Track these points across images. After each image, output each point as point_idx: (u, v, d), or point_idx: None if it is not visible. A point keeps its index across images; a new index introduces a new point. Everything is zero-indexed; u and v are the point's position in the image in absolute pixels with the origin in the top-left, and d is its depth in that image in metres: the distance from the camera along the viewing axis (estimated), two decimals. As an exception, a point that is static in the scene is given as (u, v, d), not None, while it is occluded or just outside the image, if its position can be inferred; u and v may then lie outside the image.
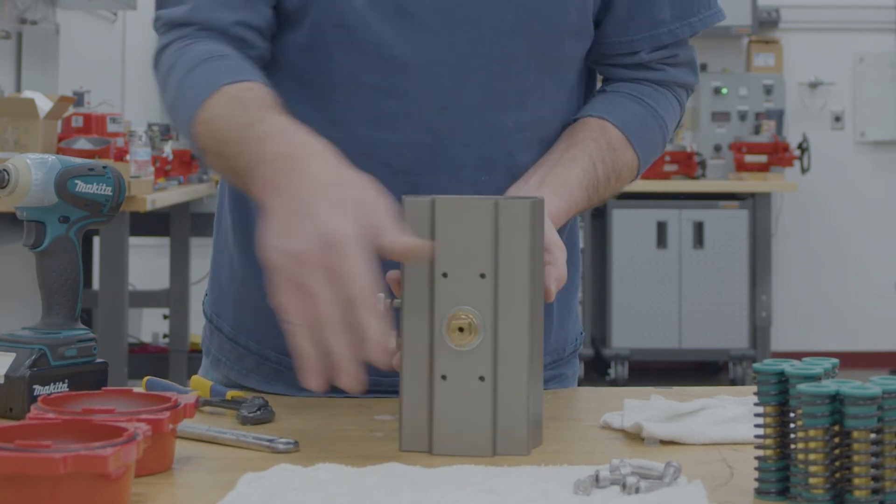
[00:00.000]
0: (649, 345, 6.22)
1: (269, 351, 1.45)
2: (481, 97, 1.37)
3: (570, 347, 1.54)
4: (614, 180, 1.44)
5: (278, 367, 1.45)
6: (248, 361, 1.47)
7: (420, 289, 1.14)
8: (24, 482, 0.89)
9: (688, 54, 1.51)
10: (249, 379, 1.47)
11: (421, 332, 1.14)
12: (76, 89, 4.70)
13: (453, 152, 1.37)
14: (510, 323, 1.14)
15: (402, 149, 1.36)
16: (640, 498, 0.96)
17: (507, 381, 1.14)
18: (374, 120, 1.36)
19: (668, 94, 1.51)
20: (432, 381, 1.14)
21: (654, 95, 1.49)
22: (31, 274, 1.36)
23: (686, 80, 1.52)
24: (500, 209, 1.13)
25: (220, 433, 1.18)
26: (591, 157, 1.41)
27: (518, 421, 1.14)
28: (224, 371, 1.49)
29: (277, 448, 1.15)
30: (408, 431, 1.15)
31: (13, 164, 1.28)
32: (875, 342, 6.93)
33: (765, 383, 1.00)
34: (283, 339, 1.42)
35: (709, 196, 6.27)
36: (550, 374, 1.50)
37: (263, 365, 1.46)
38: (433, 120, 1.36)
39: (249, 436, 1.17)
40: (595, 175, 1.40)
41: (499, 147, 1.39)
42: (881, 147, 7.06)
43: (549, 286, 1.20)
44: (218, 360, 1.50)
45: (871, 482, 0.94)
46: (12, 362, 1.26)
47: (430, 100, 1.36)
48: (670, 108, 1.51)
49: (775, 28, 7.05)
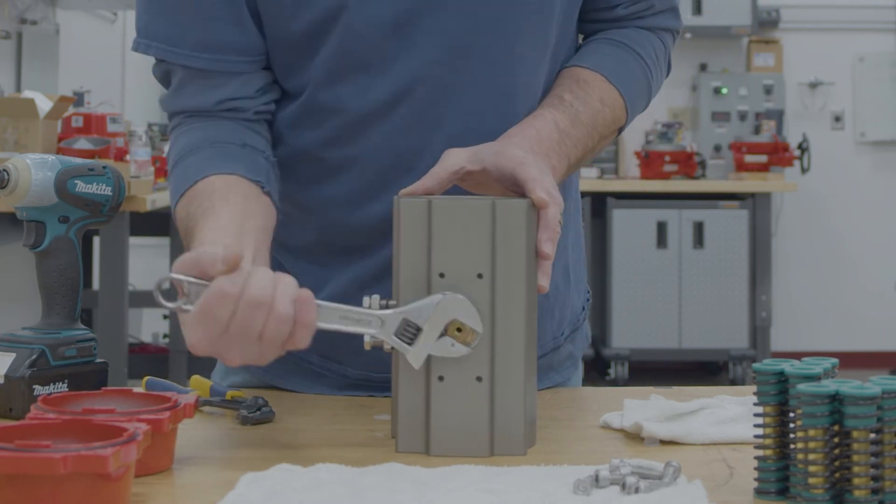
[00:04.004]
0: (649, 345, 6.22)
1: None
2: (492, 89, 1.37)
3: (582, 314, 1.56)
4: (598, 104, 1.40)
5: (297, 363, 1.46)
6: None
7: (417, 290, 1.14)
8: (24, 482, 0.89)
9: (667, 1, 1.51)
10: (266, 375, 1.48)
11: None
12: (76, 89, 4.69)
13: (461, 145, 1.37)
14: (507, 323, 1.14)
15: (420, 152, 1.35)
16: (639, 498, 0.96)
17: (503, 381, 1.14)
18: (383, 124, 1.36)
19: (648, 34, 1.50)
20: (429, 382, 1.14)
21: (627, 34, 1.48)
22: (31, 274, 1.36)
23: (667, 24, 1.51)
24: (497, 209, 1.13)
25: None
26: (554, 94, 1.39)
27: (515, 421, 1.14)
28: (239, 370, 1.49)
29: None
30: (404, 433, 1.15)
31: (13, 164, 1.28)
32: (875, 342, 6.93)
33: (764, 383, 1.00)
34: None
35: (709, 196, 6.27)
36: (567, 348, 1.52)
37: (276, 362, 1.47)
38: (445, 120, 1.36)
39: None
40: (565, 103, 1.38)
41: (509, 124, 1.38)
42: (881, 147, 7.06)
43: (542, 247, 1.16)
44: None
45: (871, 482, 0.94)
46: (12, 362, 1.26)
47: (440, 100, 1.35)
48: (648, 44, 1.49)
49: (775, 28, 7.05)
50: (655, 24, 1.50)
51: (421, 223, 1.14)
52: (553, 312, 1.48)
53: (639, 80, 1.47)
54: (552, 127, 1.33)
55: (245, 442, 1.20)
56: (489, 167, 1.24)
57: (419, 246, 1.14)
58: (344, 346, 1.39)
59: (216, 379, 1.50)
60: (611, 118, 1.42)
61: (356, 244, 1.40)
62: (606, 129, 1.41)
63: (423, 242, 1.14)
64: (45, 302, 1.31)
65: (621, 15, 1.48)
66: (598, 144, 1.41)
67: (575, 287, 1.54)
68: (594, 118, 1.39)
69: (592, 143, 1.39)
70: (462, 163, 1.24)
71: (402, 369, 1.15)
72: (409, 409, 1.15)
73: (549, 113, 1.35)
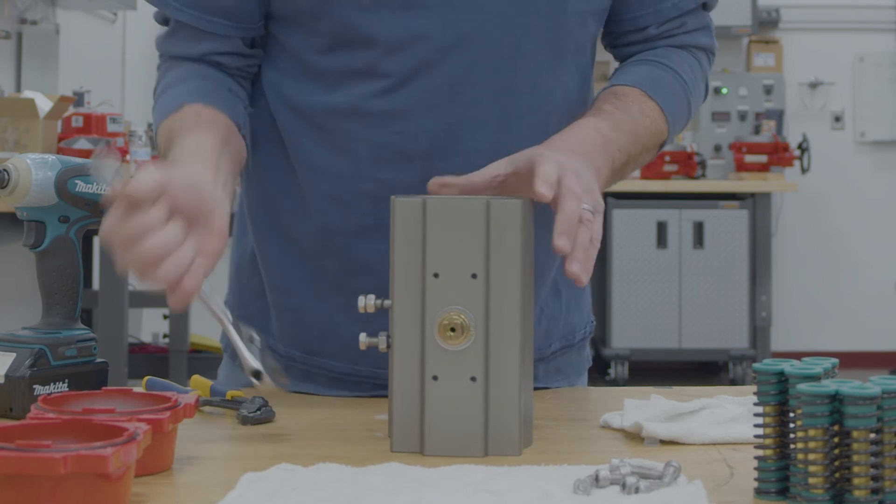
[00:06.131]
0: (649, 345, 6.23)
1: (296, 352, 1.47)
2: (493, 82, 1.38)
3: (580, 334, 1.55)
4: (639, 114, 1.40)
5: (304, 367, 1.46)
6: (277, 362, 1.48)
7: (411, 289, 1.14)
8: (24, 482, 0.89)
9: (699, 20, 1.50)
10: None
11: (412, 333, 1.14)
12: (76, 89, 4.69)
13: (467, 138, 1.38)
14: (501, 323, 1.14)
15: (417, 136, 1.37)
16: (639, 498, 0.96)
17: (498, 381, 1.14)
18: (388, 109, 1.37)
19: (683, 53, 1.49)
20: (423, 382, 1.14)
21: (661, 53, 1.48)
22: (31, 274, 1.36)
23: (701, 42, 1.51)
24: (492, 209, 1.13)
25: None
26: (593, 107, 1.40)
27: (510, 421, 1.14)
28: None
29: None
30: (399, 432, 1.15)
31: (13, 164, 1.28)
32: (875, 342, 6.93)
33: (764, 383, 1.00)
34: (309, 340, 1.43)
35: (709, 196, 6.27)
36: (560, 362, 1.51)
37: (291, 367, 1.47)
38: (445, 107, 1.37)
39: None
40: (605, 112, 1.38)
41: (513, 131, 1.39)
42: (881, 147, 7.06)
43: (555, 240, 1.14)
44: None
45: (871, 482, 0.94)
46: (12, 362, 1.26)
47: (442, 87, 1.37)
48: (684, 62, 1.48)
49: (775, 28, 7.05)
50: (689, 41, 1.50)
51: (415, 223, 1.14)
52: (539, 321, 1.48)
53: (677, 94, 1.46)
54: (594, 132, 1.33)
55: (245, 442, 1.20)
56: (521, 169, 1.23)
57: (413, 245, 1.14)
58: (331, 340, 1.41)
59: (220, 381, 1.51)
60: (653, 128, 1.42)
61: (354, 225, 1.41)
62: (649, 140, 1.41)
63: (417, 242, 1.14)
64: (45, 302, 1.31)
65: (653, 35, 1.48)
66: (641, 155, 1.41)
67: (572, 306, 1.53)
68: (636, 126, 1.39)
69: (636, 150, 1.39)
70: (499, 169, 1.24)
71: (397, 369, 1.15)
72: (404, 409, 1.15)
73: (589, 120, 1.36)
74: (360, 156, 1.38)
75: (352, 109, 1.38)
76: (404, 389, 1.15)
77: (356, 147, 1.38)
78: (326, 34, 1.37)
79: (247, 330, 1.19)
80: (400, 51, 1.36)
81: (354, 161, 1.39)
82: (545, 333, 1.49)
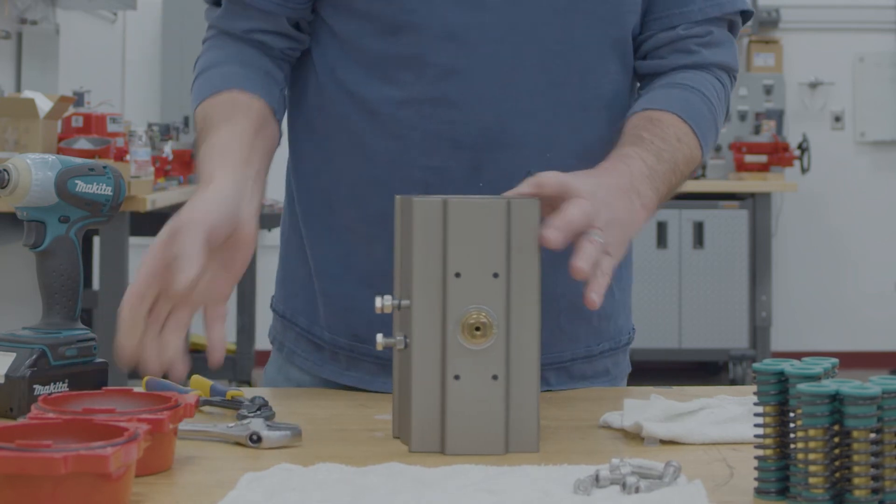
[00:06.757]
0: (649, 345, 6.22)
1: (343, 339, 1.48)
2: (543, 75, 1.40)
3: (625, 339, 1.57)
4: (675, 141, 1.40)
5: (351, 354, 1.48)
6: (324, 352, 1.51)
7: (431, 289, 1.14)
8: (24, 482, 0.89)
9: (723, 35, 1.51)
10: (324, 369, 1.51)
11: (432, 333, 1.14)
12: (76, 89, 4.69)
13: (517, 130, 1.40)
14: (522, 321, 1.14)
15: (468, 126, 1.40)
16: (639, 498, 0.96)
17: (519, 378, 1.15)
18: (440, 98, 1.40)
19: (706, 74, 1.50)
20: (444, 382, 1.14)
21: (686, 76, 1.49)
22: (31, 274, 1.36)
23: (723, 60, 1.51)
24: (512, 209, 1.14)
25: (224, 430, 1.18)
26: (631, 134, 1.39)
27: (529, 418, 1.15)
28: (299, 362, 1.53)
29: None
30: (418, 432, 1.15)
31: (13, 164, 1.28)
32: (875, 342, 6.93)
33: (764, 383, 1.00)
34: (356, 327, 1.46)
35: (709, 196, 6.27)
36: (608, 362, 1.53)
37: (338, 354, 1.49)
38: (496, 98, 1.39)
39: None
40: (645, 141, 1.38)
41: (563, 125, 1.41)
42: (881, 147, 7.06)
43: (544, 230, 1.15)
44: (293, 353, 1.54)
45: (871, 482, 0.94)
46: (12, 362, 1.26)
47: (494, 78, 1.39)
48: (707, 83, 1.49)
49: (775, 28, 7.05)
50: (712, 58, 1.50)
51: (436, 223, 1.14)
52: (591, 319, 1.49)
53: (706, 117, 1.47)
54: (640, 163, 1.34)
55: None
56: (549, 195, 1.21)
57: (434, 245, 1.14)
58: (378, 327, 1.42)
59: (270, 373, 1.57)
60: (689, 156, 1.42)
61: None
62: (686, 168, 1.42)
63: (438, 242, 1.14)
64: (46, 302, 1.31)
65: (682, 35, 1.48)
66: (678, 183, 1.41)
67: (622, 309, 1.55)
68: (675, 155, 1.39)
69: (676, 179, 1.39)
70: (523, 190, 1.22)
71: (417, 369, 1.15)
72: (423, 409, 1.15)
73: (633, 150, 1.36)
74: (411, 142, 1.40)
75: (404, 97, 1.40)
76: (424, 389, 1.15)
77: (408, 133, 1.41)
78: (379, 19, 1.40)
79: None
80: (453, 40, 1.38)
81: (406, 147, 1.41)
82: (595, 332, 1.51)
